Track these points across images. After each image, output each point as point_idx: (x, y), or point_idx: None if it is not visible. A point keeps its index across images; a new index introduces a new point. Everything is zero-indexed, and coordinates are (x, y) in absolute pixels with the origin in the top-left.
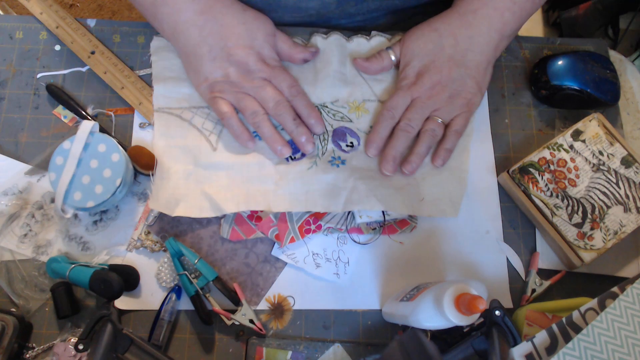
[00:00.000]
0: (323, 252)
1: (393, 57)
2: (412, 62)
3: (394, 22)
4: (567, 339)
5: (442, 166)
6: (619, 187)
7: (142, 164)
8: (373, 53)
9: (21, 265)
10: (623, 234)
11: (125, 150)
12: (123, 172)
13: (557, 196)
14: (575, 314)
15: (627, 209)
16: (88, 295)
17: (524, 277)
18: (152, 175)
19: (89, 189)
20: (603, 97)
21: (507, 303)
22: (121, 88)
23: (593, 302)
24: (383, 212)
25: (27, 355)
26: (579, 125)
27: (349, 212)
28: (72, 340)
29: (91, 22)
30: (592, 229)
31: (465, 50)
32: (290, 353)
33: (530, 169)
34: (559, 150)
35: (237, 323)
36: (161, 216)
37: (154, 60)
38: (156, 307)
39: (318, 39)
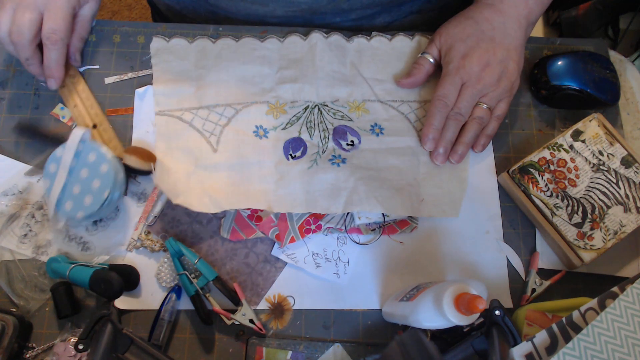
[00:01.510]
0: (323, 252)
1: (431, 59)
2: (455, 45)
3: (390, 21)
4: (567, 338)
5: (482, 152)
6: (619, 187)
7: (141, 161)
8: (409, 61)
9: (21, 265)
10: (623, 234)
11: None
12: (111, 185)
13: (557, 196)
14: (575, 314)
15: (627, 209)
16: (88, 295)
17: (524, 277)
18: (153, 167)
19: (78, 200)
20: (603, 97)
21: (507, 303)
22: (62, 87)
23: (593, 302)
24: (383, 213)
25: (27, 355)
26: (579, 125)
27: (349, 212)
28: (72, 340)
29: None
30: (592, 229)
31: (503, 34)
32: (290, 353)
33: (530, 169)
34: (559, 151)
35: (237, 323)
36: (161, 216)
37: (155, 63)
38: (156, 307)
39: (319, 38)
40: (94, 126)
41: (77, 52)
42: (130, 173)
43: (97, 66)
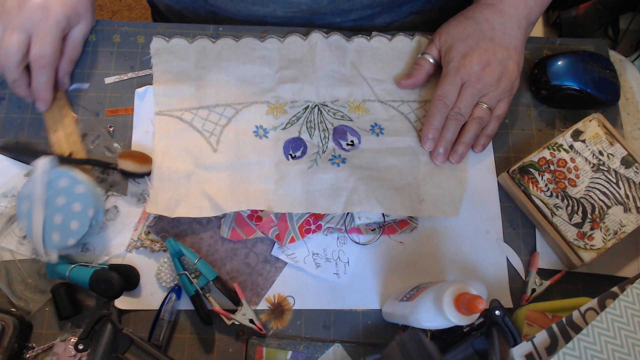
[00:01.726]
0: (323, 252)
1: (431, 60)
2: (455, 44)
3: (390, 22)
4: (567, 338)
5: (482, 152)
6: (619, 187)
7: (136, 164)
8: (409, 63)
9: (21, 265)
10: (623, 234)
11: (108, 165)
12: (92, 202)
13: (557, 196)
14: (575, 314)
15: (627, 209)
16: (88, 295)
17: (524, 277)
18: (149, 178)
19: (64, 228)
20: (603, 97)
21: (507, 303)
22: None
23: (593, 302)
24: (383, 213)
25: (27, 355)
26: (579, 125)
27: (349, 212)
28: (72, 340)
29: None
30: (592, 229)
31: (503, 33)
32: (290, 353)
33: (530, 169)
34: (559, 151)
35: (237, 323)
36: (161, 216)
37: (155, 63)
38: (156, 307)
39: (319, 38)
40: (70, 154)
41: (66, 76)
42: (128, 177)
43: (87, 85)
